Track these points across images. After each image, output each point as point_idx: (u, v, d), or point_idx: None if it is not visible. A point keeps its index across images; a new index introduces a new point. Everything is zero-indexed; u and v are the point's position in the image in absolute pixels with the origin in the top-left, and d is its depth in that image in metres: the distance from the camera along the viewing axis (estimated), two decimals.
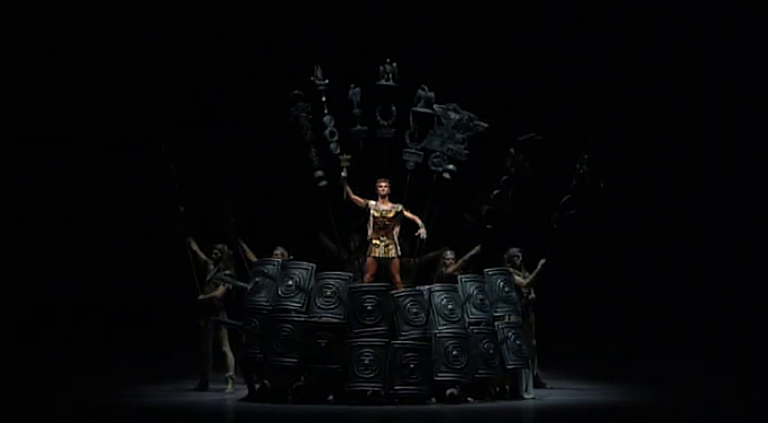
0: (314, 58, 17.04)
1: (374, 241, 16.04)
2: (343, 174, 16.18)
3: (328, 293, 15.10)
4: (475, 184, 16.56)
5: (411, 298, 15.18)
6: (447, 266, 16.34)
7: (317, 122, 16.72)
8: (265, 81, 19.32)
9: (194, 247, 17.08)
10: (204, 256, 16.78)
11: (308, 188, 16.69)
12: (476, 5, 20.95)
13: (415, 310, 15.20)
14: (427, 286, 15.64)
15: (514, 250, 16.55)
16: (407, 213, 16.14)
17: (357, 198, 16.25)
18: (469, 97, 16.73)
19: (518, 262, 16.47)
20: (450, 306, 15.26)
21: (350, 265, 16.58)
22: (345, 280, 15.09)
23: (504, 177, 16.06)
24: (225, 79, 20.14)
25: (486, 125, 16.32)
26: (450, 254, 16.43)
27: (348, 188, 16.21)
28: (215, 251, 16.88)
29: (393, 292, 15.33)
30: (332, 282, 15.19)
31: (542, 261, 16.16)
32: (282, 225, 18.13)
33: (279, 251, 16.36)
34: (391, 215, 15.95)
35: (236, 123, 17.85)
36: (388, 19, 20.41)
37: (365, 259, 16.14)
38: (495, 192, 16.07)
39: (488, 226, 16.26)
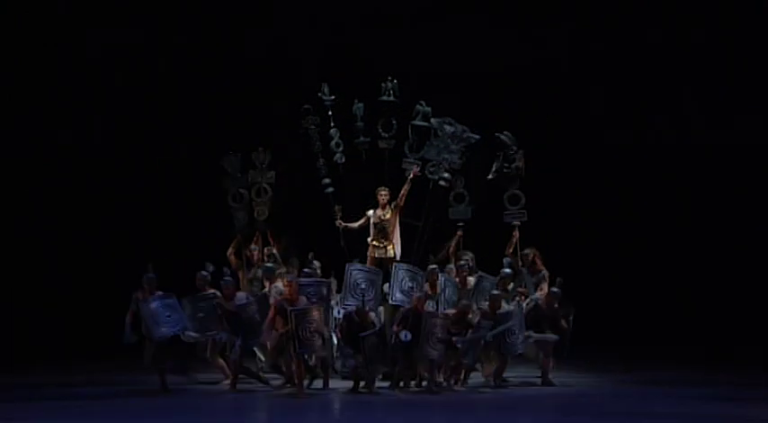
0: (321, 77, 18.09)
1: (374, 243, 17.10)
2: (338, 223, 17.19)
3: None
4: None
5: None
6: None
7: (324, 134, 17.70)
8: (278, 98, 20.21)
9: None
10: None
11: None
12: (468, 36, 21.52)
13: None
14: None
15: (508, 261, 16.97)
16: (401, 194, 16.95)
17: (355, 225, 17.28)
18: (462, 112, 17.64)
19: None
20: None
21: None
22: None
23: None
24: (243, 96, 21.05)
25: (477, 137, 17.28)
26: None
27: (347, 227, 17.22)
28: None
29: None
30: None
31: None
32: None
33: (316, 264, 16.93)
34: (389, 216, 17.00)
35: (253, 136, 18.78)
36: (389, 41, 21.02)
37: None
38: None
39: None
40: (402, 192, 17.04)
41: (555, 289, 16.27)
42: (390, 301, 16.51)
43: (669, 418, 13.57)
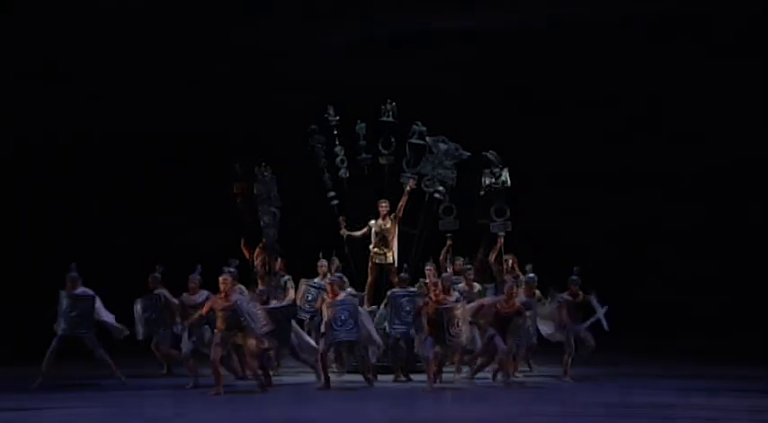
0: (327, 99, 19.26)
1: (375, 250, 18.31)
2: (342, 232, 18.37)
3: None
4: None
5: (407, 297, 17.03)
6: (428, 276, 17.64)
7: (329, 152, 18.90)
8: (288, 118, 21.19)
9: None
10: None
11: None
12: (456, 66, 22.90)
13: (408, 308, 16.91)
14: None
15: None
16: (399, 205, 18.10)
17: (358, 234, 18.46)
18: (454, 131, 18.69)
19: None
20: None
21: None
22: None
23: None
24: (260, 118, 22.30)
25: (468, 154, 18.43)
26: (428, 265, 17.94)
27: (350, 235, 18.38)
28: None
29: (391, 291, 17.16)
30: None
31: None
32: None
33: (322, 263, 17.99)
34: (389, 226, 18.19)
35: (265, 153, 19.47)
36: (389, 68, 22.38)
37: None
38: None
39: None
40: (400, 204, 18.24)
41: (574, 276, 17.01)
42: (391, 332, 17.12)
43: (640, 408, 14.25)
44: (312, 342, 16.72)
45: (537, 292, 17.60)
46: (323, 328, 16.25)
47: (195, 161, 22.80)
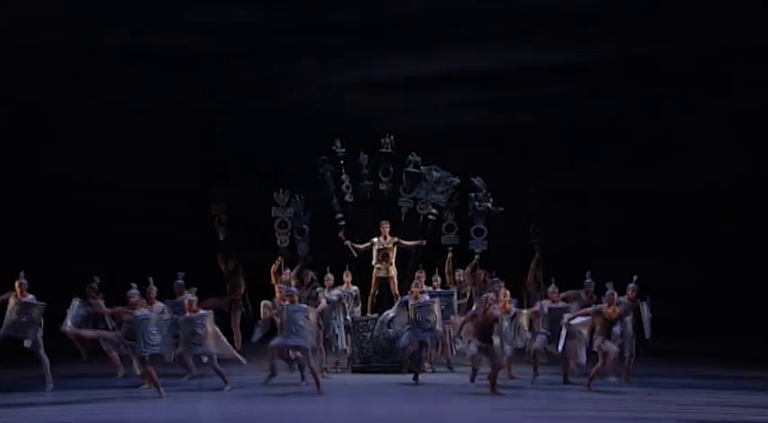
0: (334, 133, 20.31)
1: (377, 266, 19.75)
2: (346, 243, 19.58)
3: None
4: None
5: (426, 307, 17.86)
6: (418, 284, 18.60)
7: (337, 179, 19.94)
8: (301, 149, 21.97)
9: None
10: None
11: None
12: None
13: (427, 317, 17.76)
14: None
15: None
16: (405, 242, 19.58)
17: (360, 246, 19.67)
18: (445, 161, 19.95)
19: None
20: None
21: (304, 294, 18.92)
22: None
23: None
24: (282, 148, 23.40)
25: (458, 181, 19.78)
26: (417, 273, 19.21)
27: (355, 247, 19.63)
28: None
29: (413, 303, 17.91)
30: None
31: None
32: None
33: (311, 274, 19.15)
34: (390, 246, 19.67)
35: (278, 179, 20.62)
36: (388, 106, 23.71)
37: (316, 292, 18.87)
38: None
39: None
40: (408, 243, 19.59)
41: (588, 280, 17.73)
42: (418, 337, 17.87)
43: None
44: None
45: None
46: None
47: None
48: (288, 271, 19.25)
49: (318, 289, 19.16)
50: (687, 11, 23.09)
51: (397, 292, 19.69)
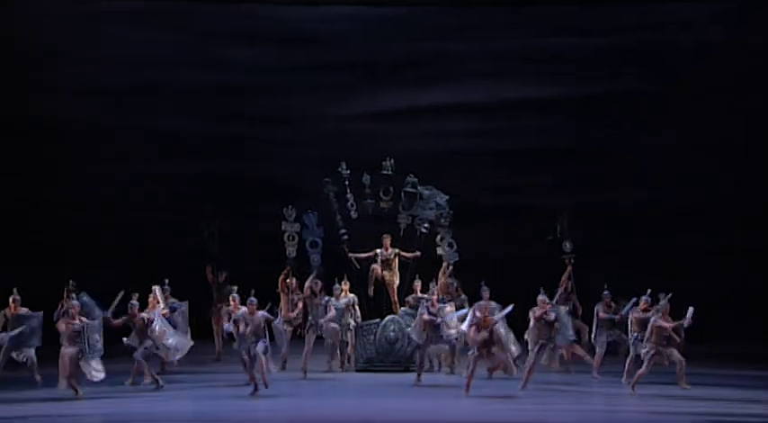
0: (340, 157, 21.08)
1: (383, 273, 20.60)
2: (349, 255, 20.39)
3: None
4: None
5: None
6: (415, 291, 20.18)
7: (341, 198, 20.68)
8: (313, 171, 22.46)
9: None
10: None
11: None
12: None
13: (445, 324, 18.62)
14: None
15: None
16: (404, 254, 20.51)
17: (362, 256, 20.56)
18: (438, 182, 20.90)
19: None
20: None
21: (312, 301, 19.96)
22: None
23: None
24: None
25: (446, 197, 20.58)
26: (414, 283, 20.27)
27: (357, 259, 20.50)
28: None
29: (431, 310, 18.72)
30: None
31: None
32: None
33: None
34: (392, 257, 20.61)
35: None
36: (389, 133, 25.02)
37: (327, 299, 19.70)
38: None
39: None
40: (406, 255, 20.49)
41: (605, 292, 19.03)
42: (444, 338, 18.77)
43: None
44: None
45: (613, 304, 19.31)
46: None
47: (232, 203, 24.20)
48: (294, 280, 20.32)
49: (327, 298, 19.98)
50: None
51: (396, 299, 20.77)
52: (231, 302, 18.30)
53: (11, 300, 17.99)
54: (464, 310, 19.00)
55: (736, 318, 23.58)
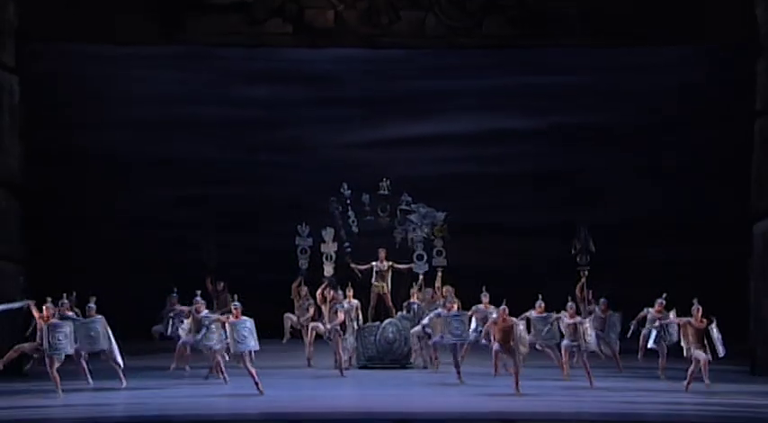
0: (341, 180, 22.59)
1: (375, 284, 22.07)
2: (352, 266, 21.77)
3: None
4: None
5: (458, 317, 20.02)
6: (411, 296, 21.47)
7: (344, 215, 22.16)
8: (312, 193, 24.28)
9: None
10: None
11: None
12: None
13: (456, 325, 19.78)
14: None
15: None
16: (398, 266, 21.93)
17: (362, 267, 21.96)
18: (431, 198, 22.45)
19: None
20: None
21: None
22: None
23: None
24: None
25: (443, 214, 22.12)
26: (412, 290, 21.58)
27: (359, 269, 21.95)
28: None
29: (445, 314, 19.85)
30: None
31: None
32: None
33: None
34: (386, 269, 22.00)
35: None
36: (385, 159, 26.20)
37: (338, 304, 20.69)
38: None
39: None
40: (400, 266, 21.90)
41: (660, 299, 19.76)
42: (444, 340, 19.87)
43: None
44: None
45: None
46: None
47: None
48: (306, 288, 21.99)
49: (338, 305, 21.02)
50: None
51: (391, 304, 22.25)
52: (234, 311, 18.96)
53: (44, 308, 18.27)
54: (437, 310, 20.61)
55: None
